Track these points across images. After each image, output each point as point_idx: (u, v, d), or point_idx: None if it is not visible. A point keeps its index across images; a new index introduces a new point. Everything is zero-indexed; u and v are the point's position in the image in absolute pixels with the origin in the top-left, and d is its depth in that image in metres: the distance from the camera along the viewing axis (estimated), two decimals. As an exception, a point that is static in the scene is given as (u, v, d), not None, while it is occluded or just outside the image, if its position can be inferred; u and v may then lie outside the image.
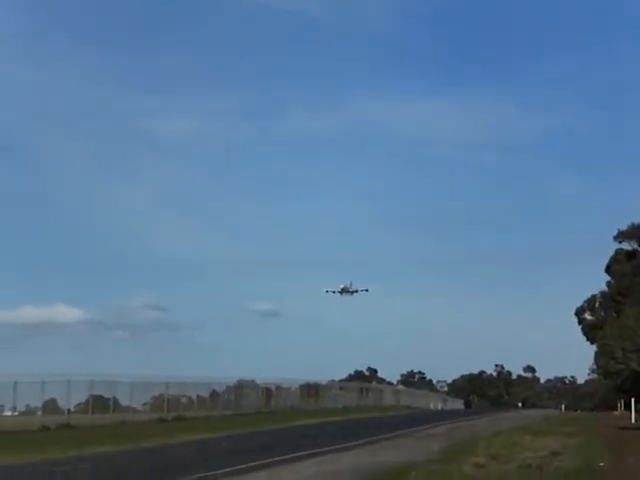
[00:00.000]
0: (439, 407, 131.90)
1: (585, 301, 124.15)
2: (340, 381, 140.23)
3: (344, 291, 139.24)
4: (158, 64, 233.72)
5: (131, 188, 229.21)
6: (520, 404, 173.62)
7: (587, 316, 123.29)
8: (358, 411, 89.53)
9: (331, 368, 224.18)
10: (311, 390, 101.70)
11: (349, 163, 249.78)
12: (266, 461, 31.98)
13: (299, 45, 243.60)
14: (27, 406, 68.57)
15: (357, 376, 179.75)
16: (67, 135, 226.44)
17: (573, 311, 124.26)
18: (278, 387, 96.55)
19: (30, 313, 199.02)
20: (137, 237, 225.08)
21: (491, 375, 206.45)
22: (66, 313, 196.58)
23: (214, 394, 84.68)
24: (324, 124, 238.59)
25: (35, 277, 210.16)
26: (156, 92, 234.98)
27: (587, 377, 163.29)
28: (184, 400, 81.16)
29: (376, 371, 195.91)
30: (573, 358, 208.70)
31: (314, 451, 36.15)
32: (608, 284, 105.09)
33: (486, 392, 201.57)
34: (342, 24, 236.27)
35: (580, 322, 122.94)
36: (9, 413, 64.46)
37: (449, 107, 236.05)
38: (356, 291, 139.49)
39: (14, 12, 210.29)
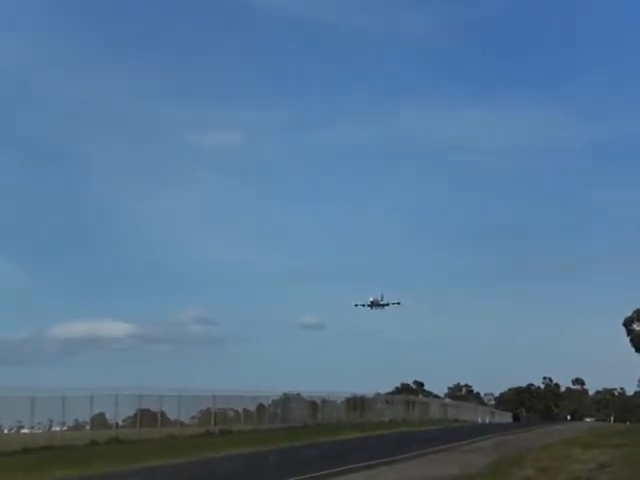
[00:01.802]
0: (487, 420, 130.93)
1: (634, 311, 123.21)
2: (386, 394, 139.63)
3: (374, 304, 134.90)
4: (204, 77, 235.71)
5: (179, 200, 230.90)
6: (569, 416, 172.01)
7: (635, 327, 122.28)
8: (405, 424, 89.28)
9: (377, 381, 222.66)
10: (357, 403, 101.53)
11: (391, 173, 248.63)
12: (315, 474, 32.11)
13: (340, 55, 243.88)
14: (76, 421, 69.17)
15: (403, 389, 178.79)
16: (114, 148, 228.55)
17: (622, 321, 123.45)
18: (324, 400, 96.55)
19: (78, 328, 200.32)
20: (184, 250, 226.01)
21: (539, 388, 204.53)
22: (114, 327, 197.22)
23: (260, 407, 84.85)
24: (367, 135, 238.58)
25: (83, 291, 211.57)
26: (202, 104, 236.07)
27: (636, 388, 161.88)
28: (231, 414, 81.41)
29: (422, 384, 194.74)
30: (622, 369, 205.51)
31: (363, 464, 36.14)
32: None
33: (534, 405, 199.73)
34: (384, 34, 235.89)
35: (629, 333, 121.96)
36: (58, 428, 65.01)
37: (488, 115, 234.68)
38: (387, 304, 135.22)
39: (58, 22, 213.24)
